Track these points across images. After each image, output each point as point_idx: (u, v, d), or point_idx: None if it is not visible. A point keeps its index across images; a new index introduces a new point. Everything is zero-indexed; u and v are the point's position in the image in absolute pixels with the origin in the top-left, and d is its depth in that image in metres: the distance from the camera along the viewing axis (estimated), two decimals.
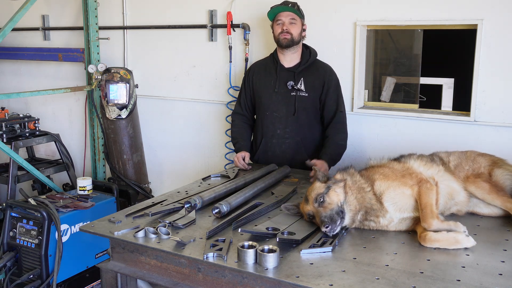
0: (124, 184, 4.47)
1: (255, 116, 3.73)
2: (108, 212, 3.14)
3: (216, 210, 2.39)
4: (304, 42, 3.57)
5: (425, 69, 4.12)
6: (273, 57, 3.56)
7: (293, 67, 3.48)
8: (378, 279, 1.78)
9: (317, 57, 3.55)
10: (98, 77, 4.62)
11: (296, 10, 3.40)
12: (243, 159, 3.40)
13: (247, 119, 3.70)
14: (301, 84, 3.44)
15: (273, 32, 3.49)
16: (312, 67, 3.50)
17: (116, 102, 4.38)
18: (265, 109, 3.53)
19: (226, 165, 4.45)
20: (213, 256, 1.95)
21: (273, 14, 3.44)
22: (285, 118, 3.47)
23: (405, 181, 2.26)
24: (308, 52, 3.51)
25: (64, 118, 5.45)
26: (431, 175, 2.33)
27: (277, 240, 2.07)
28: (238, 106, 3.73)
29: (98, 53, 4.86)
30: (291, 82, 3.44)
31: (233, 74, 4.32)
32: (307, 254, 1.98)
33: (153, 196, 4.41)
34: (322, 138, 3.52)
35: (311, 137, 3.51)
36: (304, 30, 3.48)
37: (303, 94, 3.44)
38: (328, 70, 3.52)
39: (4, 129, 4.19)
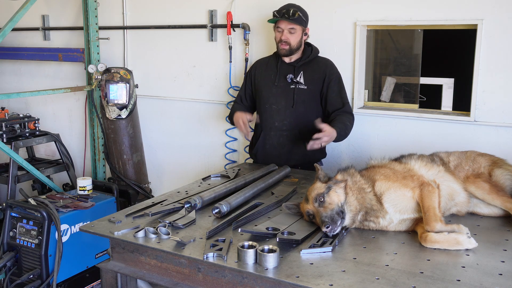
0: (124, 184, 4.47)
1: (256, 112, 3.74)
2: (108, 212, 3.14)
3: (216, 210, 2.39)
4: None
5: (425, 69, 4.12)
6: (276, 54, 3.60)
7: (293, 62, 3.51)
8: (378, 279, 1.78)
9: (318, 54, 3.57)
10: (98, 77, 4.62)
11: (297, 19, 3.35)
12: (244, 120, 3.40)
13: (244, 107, 3.72)
14: (300, 77, 3.46)
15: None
16: (313, 61, 3.52)
17: (116, 102, 4.38)
18: (265, 102, 3.55)
19: (226, 165, 4.45)
20: (213, 256, 1.95)
21: (274, 20, 3.44)
22: (284, 111, 3.48)
23: (406, 182, 2.26)
24: (309, 49, 3.54)
25: (64, 118, 5.45)
26: (432, 178, 2.33)
27: (277, 240, 2.07)
28: (238, 97, 3.79)
29: (98, 53, 4.86)
30: (291, 75, 3.46)
31: (233, 74, 4.33)
32: (307, 254, 1.98)
33: (153, 196, 4.41)
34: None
35: (309, 130, 3.50)
36: (305, 34, 3.49)
37: (302, 86, 3.45)
38: (328, 64, 3.53)
39: (4, 129, 4.19)
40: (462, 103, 3.68)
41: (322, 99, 3.50)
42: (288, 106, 3.47)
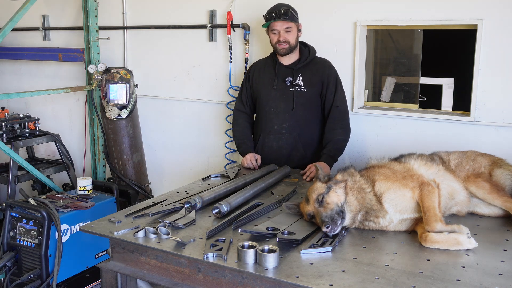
0: (124, 184, 4.47)
1: (255, 115, 3.74)
2: (108, 212, 3.14)
3: (216, 210, 2.39)
4: (304, 41, 3.58)
5: (425, 69, 4.12)
6: (272, 56, 3.58)
7: (291, 64, 3.49)
8: (378, 279, 1.78)
9: (316, 55, 3.56)
10: (98, 77, 4.62)
11: (290, 18, 3.33)
12: (256, 161, 3.42)
13: (248, 117, 3.72)
14: (299, 80, 3.45)
15: (269, 37, 3.49)
16: (311, 63, 3.51)
17: (116, 102, 4.38)
18: (264, 105, 3.55)
19: (226, 165, 4.45)
20: (213, 256, 1.95)
21: (268, 24, 3.42)
22: (283, 114, 3.48)
23: (406, 182, 2.26)
24: (307, 50, 3.52)
25: (64, 118, 5.45)
26: (432, 177, 2.33)
27: (277, 240, 2.07)
28: (239, 103, 3.75)
29: (98, 53, 4.86)
30: (290, 78, 3.45)
31: (233, 74, 4.32)
32: (307, 254, 1.98)
33: (153, 196, 4.41)
34: (322, 134, 3.53)
35: (308, 133, 3.51)
36: (299, 30, 3.48)
37: (302, 89, 3.45)
38: (327, 65, 3.52)
39: (4, 129, 4.19)
40: (462, 103, 3.68)
41: (322, 101, 3.50)
42: (287, 109, 3.46)
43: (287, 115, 3.47)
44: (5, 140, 4.13)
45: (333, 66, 3.54)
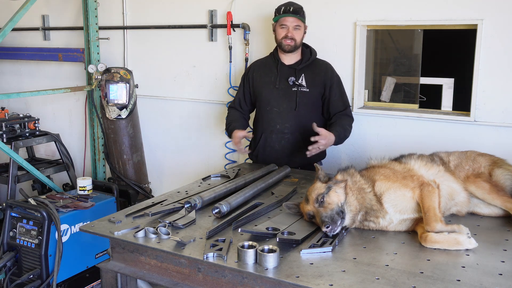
0: (124, 184, 4.47)
1: (254, 113, 3.74)
2: (108, 212, 3.14)
3: (216, 210, 2.39)
4: (304, 41, 3.58)
5: (425, 69, 4.12)
6: (273, 56, 3.58)
7: (293, 64, 3.50)
8: (378, 279, 1.78)
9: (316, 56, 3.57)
10: (98, 77, 4.62)
11: (301, 16, 3.41)
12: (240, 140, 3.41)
13: (241, 113, 3.70)
14: (302, 80, 3.45)
15: (274, 32, 3.50)
16: (312, 64, 3.52)
17: (116, 102, 4.38)
18: (266, 104, 3.54)
19: (226, 165, 4.45)
20: (213, 256, 1.95)
21: (278, 18, 3.44)
22: (286, 114, 3.48)
23: (406, 183, 2.26)
24: (308, 51, 3.53)
25: (64, 118, 5.45)
26: (432, 177, 2.33)
27: (277, 240, 2.07)
28: (232, 102, 3.78)
29: (98, 53, 4.86)
30: (292, 78, 3.46)
31: (233, 74, 4.32)
32: (307, 254, 1.98)
33: (153, 196, 4.41)
34: None
35: (310, 133, 3.50)
36: (305, 32, 3.50)
37: (305, 89, 3.45)
38: (329, 67, 3.54)
39: (4, 129, 4.19)
40: (462, 103, 3.68)
41: (324, 103, 3.50)
42: (290, 108, 3.47)
43: (290, 115, 3.47)
44: (5, 140, 4.13)
45: (334, 68, 3.56)
